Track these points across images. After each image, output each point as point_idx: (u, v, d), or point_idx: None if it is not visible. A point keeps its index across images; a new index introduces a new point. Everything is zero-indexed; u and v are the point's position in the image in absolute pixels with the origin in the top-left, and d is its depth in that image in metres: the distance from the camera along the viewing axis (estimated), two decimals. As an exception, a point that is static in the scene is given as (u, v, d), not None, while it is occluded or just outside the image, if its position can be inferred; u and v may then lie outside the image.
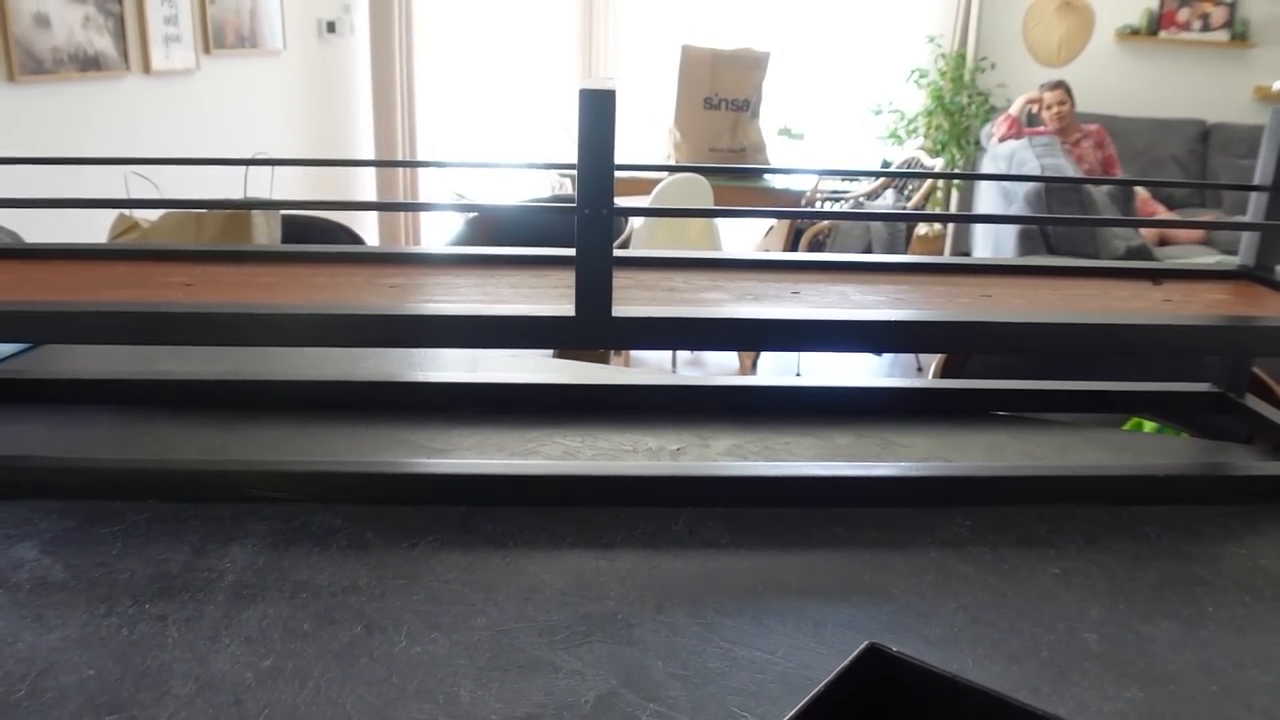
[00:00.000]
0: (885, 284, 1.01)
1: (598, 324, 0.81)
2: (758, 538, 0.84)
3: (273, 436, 1.02)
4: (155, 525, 0.84)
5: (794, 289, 0.97)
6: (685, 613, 0.73)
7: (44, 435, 1.03)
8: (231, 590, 0.75)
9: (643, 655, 0.68)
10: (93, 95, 2.90)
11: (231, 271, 0.99)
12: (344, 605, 0.73)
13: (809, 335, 0.83)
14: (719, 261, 1.06)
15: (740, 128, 3.76)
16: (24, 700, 0.63)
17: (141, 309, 0.81)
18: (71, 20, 2.78)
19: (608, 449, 0.99)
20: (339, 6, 4.23)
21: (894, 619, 0.74)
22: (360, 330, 0.80)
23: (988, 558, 0.83)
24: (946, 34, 5.33)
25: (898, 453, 1.03)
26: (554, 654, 0.67)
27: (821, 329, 0.83)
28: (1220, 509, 0.95)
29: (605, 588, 0.75)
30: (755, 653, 0.68)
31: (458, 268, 1.02)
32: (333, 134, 4.31)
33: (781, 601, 0.75)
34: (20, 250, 1.07)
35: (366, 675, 0.65)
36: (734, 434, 1.04)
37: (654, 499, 0.88)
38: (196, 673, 0.65)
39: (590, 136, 0.76)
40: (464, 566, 0.78)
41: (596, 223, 0.77)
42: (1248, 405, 1.14)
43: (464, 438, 1.01)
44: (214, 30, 3.38)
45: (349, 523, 0.84)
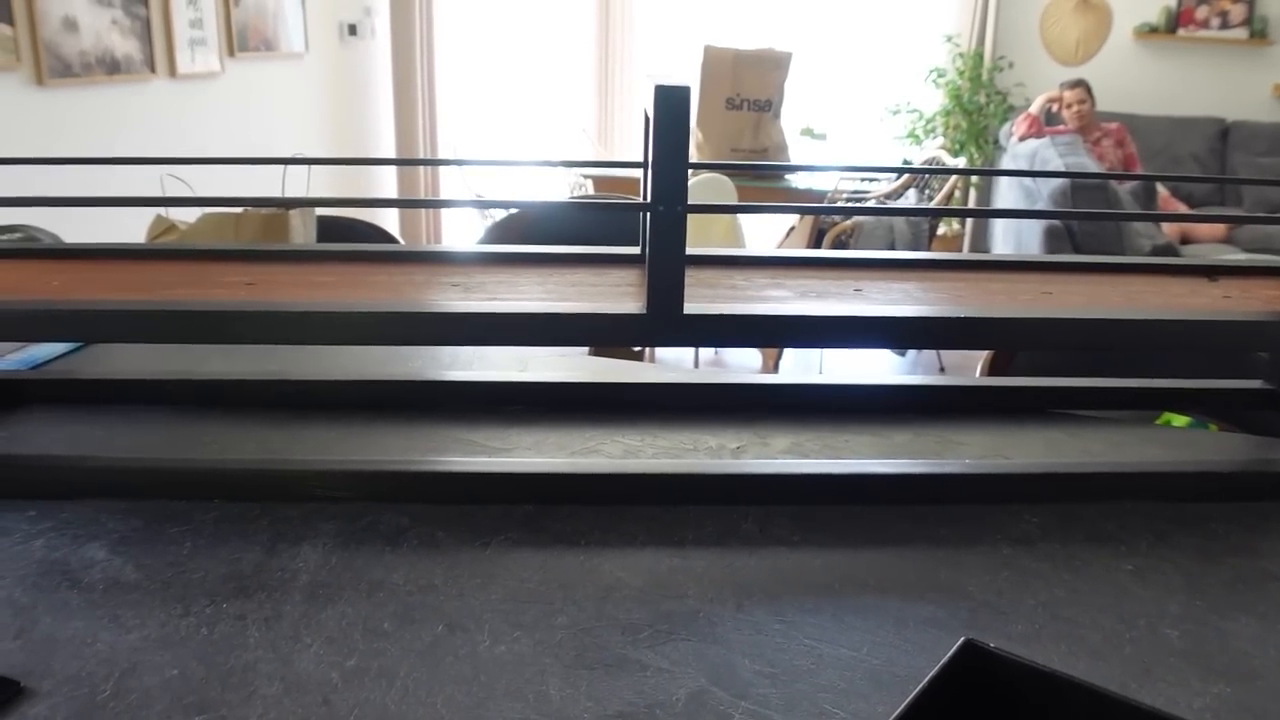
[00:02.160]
0: (944, 281, 1.00)
1: (669, 322, 0.80)
2: (827, 535, 0.84)
3: (329, 436, 1.02)
4: (223, 525, 0.84)
5: (856, 287, 0.96)
6: (765, 610, 0.72)
7: (101, 435, 1.03)
8: (307, 590, 0.74)
9: (728, 653, 0.67)
10: (119, 98, 2.91)
11: (289, 270, 0.99)
12: (422, 604, 0.72)
13: (879, 332, 0.83)
14: (777, 259, 1.05)
15: (762, 128, 3.76)
16: (110, 701, 0.63)
17: (215, 307, 0.81)
18: (99, 24, 2.79)
19: (668, 447, 0.99)
20: (360, 9, 4.24)
21: (974, 616, 0.73)
22: (434, 328, 0.80)
23: (1059, 554, 0.83)
24: (964, 33, 5.31)
25: (957, 450, 1.02)
26: (639, 652, 0.67)
27: (891, 326, 0.83)
28: None
29: (683, 586, 0.75)
30: (840, 650, 0.68)
31: (515, 266, 1.02)
32: (354, 136, 4.32)
33: (860, 599, 0.74)
34: (76, 250, 1.07)
35: (453, 674, 0.65)
36: (791, 432, 1.03)
37: (723, 497, 0.87)
38: (281, 672, 0.65)
39: (665, 133, 0.76)
40: (539, 565, 0.78)
41: (670, 220, 0.77)
42: (1303, 402, 1.13)
43: (522, 436, 1.01)
44: (238, 34, 3.39)
45: (417, 522, 0.84)
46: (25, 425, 1.05)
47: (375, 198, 0.95)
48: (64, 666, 0.66)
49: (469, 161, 1.03)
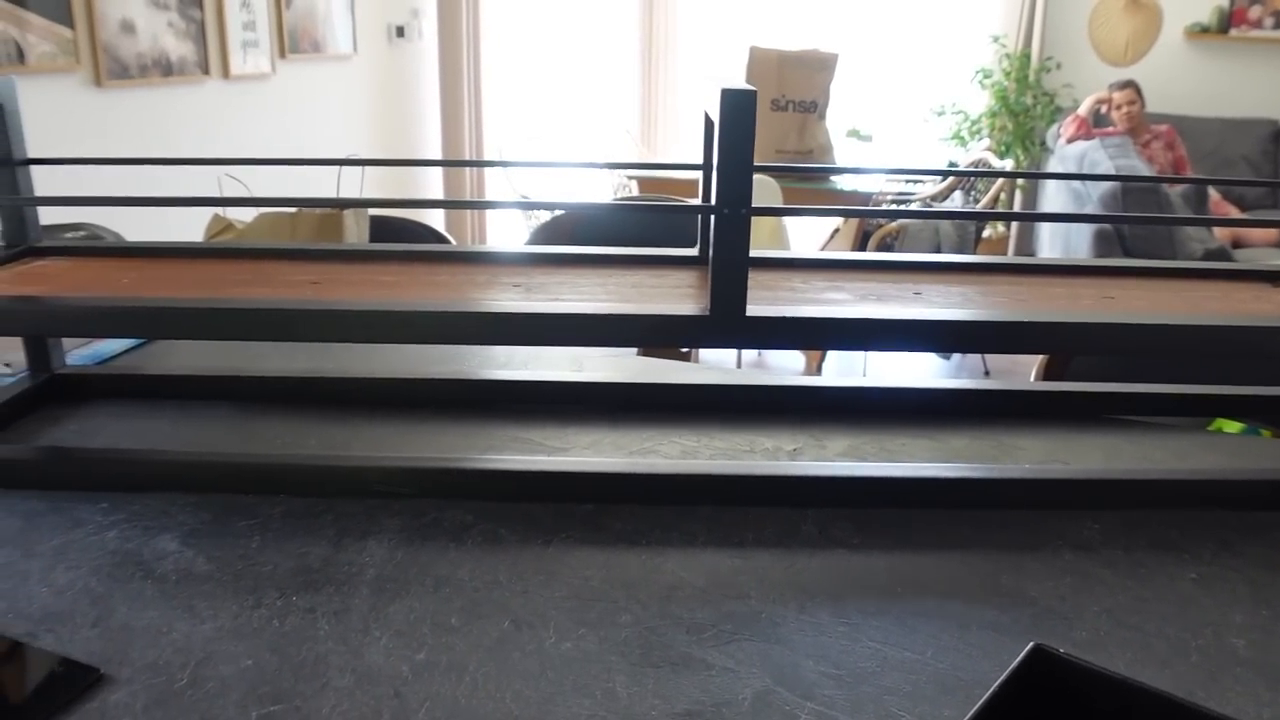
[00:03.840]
0: (1003, 285, 1.00)
1: (732, 323, 0.81)
2: (887, 539, 0.84)
3: (389, 432, 1.03)
4: (290, 520, 0.86)
5: (915, 290, 0.96)
6: (828, 612, 0.72)
7: (167, 430, 1.05)
8: (375, 584, 0.76)
9: (792, 654, 0.67)
10: (174, 99, 2.96)
11: (352, 270, 1.01)
12: (488, 600, 0.73)
13: (942, 337, 0.83)
14: (835, 262, 1.05)
15: (808, 129, 3.75)
16: (187, 689, 0.65)
17: (286, 305, 0.83)
18: (156, 27, 2.85)
19: (725, 448, 0.99)
20: (408, 11, 4.28)
21: (1037, 621, 0.73)
22: (503, 329, 0.81)
23: (1122, 561, 0.82)
24: (1011, 34, 5.26)
25: (1015, 455, 1.02)
26: (704, 651, 0.68)
27: (955, 330, 0.83)
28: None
29: (744, 586, 0.75)
30: (904, 653, 0.68)
31: (573, 267, 1.03)
32: (401, 136, 4.36)
33: (922, 602, 0.74)
34: (145, 248, 1.09)
35: (521, 670, 0.66)
36: (847, 435, 1.03)
37: (783, 499, 0.87)
38: (352, 665, 0.66)
39: (729, 136, 0.76)
40: (601, 564, 0.78)
41: (735, 222, 0.77)
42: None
43: (579, 436, 1.02)
44: (289, 35, 3.43)
45: (480, 519, 0.85)
46: (93, 419, 1.07)
47: (429, 199, 0.95)
48: (141, 655, 0.68)
49: (525, 164, 1.04)
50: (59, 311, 0.86)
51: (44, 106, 2.58)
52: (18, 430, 1.05)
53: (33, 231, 1.10)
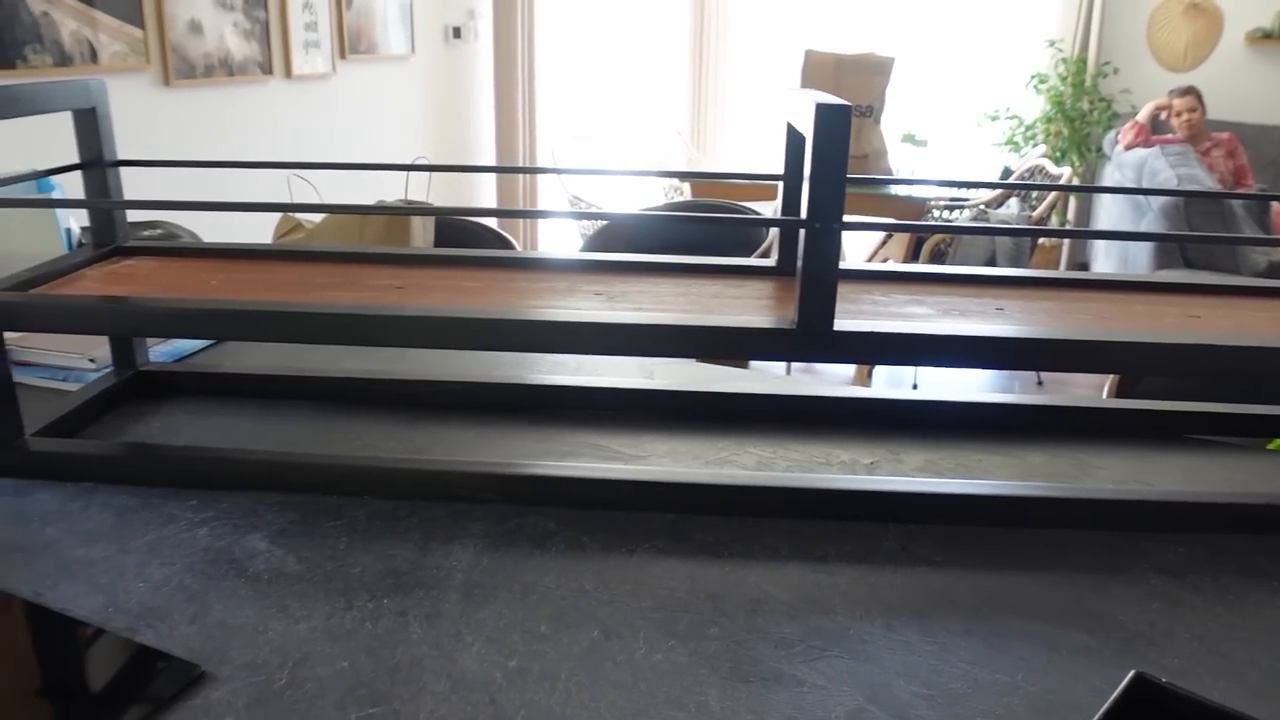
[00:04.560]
0: (1086, 301, 0.99)
1: (819, 337, 0.81)
2: (970, 557, 0.83)
3: (468, 435, 1.04)
4: (376, 521, 0.87)
5: (997, 305, 0.96)
6: (915, 630, 0.72)
7: (249, 429, 1.07)
8: (463, 588, 0.77)
9: (883, 673, 0.67)
10: (238, 98, 3.01)
11: (435, 275, 1.02)
12: (575, 608, 0.74)
13: (1031, 355, 0.82)
14: (913, 275, 1.05)
15: (863, 134, 3.73)
16: (287, 689, 0.66)
17: (375, 311, 0.84)
18: (222, 27, 2.89)
19: (801, 460, 0.99)
20: (464, 12, 4.31)
21: (1127, 646, 0.72)
22: (588, 338, 0.82)
23: (1210, 586, 0.81)
24: (1067, 38, 5.20)
25: (1095, 474, 1.01)
26: (794, 667, 0.68)
27: (1044, 349, 0.82)
28: None
29: (830, 602, 0.76)
30: (995, 675, 0.68)
31: (651, 275, 1.03)
32: (456, 136, 4.40)
33: (1010, 624, 0.74)
34: (231, 250, 1.11)
35: (614, 680, 0.66)
36: (924, 449, 1.03)
37: (863, 513, 0.87)
38: (447, 670, 0.67)
39: (824, 151, 0.76)
40: (686, 575, 0.79)
41: (827, 237, 0.77)
42: None
43: (655, 444, 1.02)
44: (349, 36, 3.47)
45: (562, 526, 0.86)
46: (175, 416, 1.10)
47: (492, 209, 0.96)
48: (239, 653, 0.69)
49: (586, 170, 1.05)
50: (155, 313, 0.88)
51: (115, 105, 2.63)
52: (104, 425, 1.08)
53: (121, 231, 1.13)
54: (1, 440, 0.96)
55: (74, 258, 1.07)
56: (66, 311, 0.90)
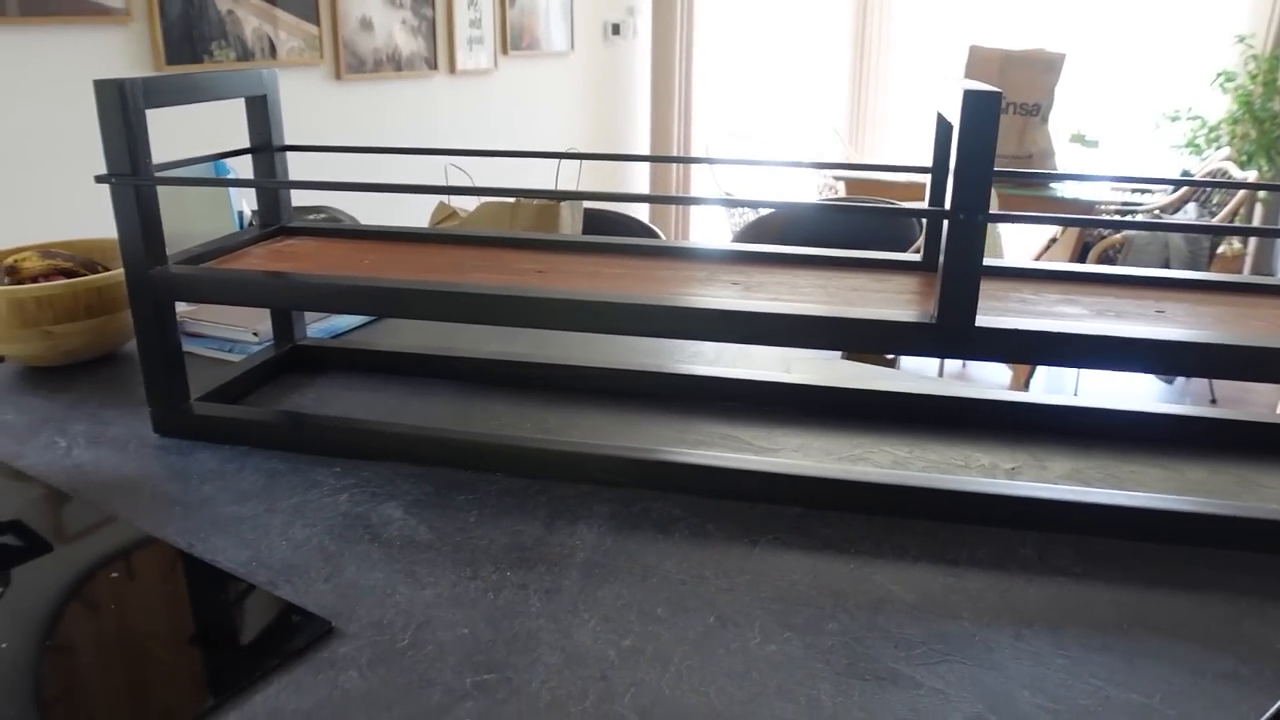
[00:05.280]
0: (1254, 307, 0.92)
1: (960, 333, 0.78)
2: (1113, 570, 0.79)
3: (603, 421, 1.05)
4: (506, 498, 0.89)
5: (1158, 308, 0.90)
6: (1046, 642, 0.69)
7: (393, 403, 1.11)
8: (584, 567, 0.78)
9: (1006, 682, 0.65)
10: (404, 92, 3.13)
11: (575, 260, 1.04)
12: (694, 594, 0.74)
13: (1185, 359, 0.77)
14: (1068, 274, 1.00)
15: (1028, 133, 3.58)
16: (409, 650, 0.68)
17: (515, 292, 0.86)
18: (391, 24, 3.02)
19: (938, 461, 0.96)
20: (624, 9, 4.36)
21: (1285, 677, 0.67)
22: (722, 325, 0.81)
23: (1388, 621, 0.74)
24: (1259, 33, 4.85)
25: (1259, 493, 0.94)
26: (913, 669, 0.66)
27: (1197, 353, 0.77)
28: None
29: (957, 606, 0.73)
30: (1129, 695, 0.64)
31: (792, 267, 1.02)
32: (612, 131, 4.46)
33: (1151, 642, 0.70)
34: (383, 232, 1.16)
35: (725, 667, 0.66)
36: (1070, 457, 0.98)
37: (999, 519, 0.84)
38: (562, 644, 0.68)
39: (971, 140, 0.73)
40: (808, 569, 0.77)
41: (970, 229, 0.75)
42: None
43: (788, 438, 1.01)
44: (512, 33, 3.56)
45: (687, 513, 0.86)
46: (328, 389, 1.15)
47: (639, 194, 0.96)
48: (367, 613, 0.72)
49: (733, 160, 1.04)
50: (310, 288, 0.93)
51: (290, 97, 2.78)
52: (263, 394, 1.14)
53: (285, 213, 1.19)
54: (170, 403, 1.02)
55: (242, 236, 1.14)
56: (230, 285, 0.95)
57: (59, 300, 1.17)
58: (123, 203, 0.95)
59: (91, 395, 1.15)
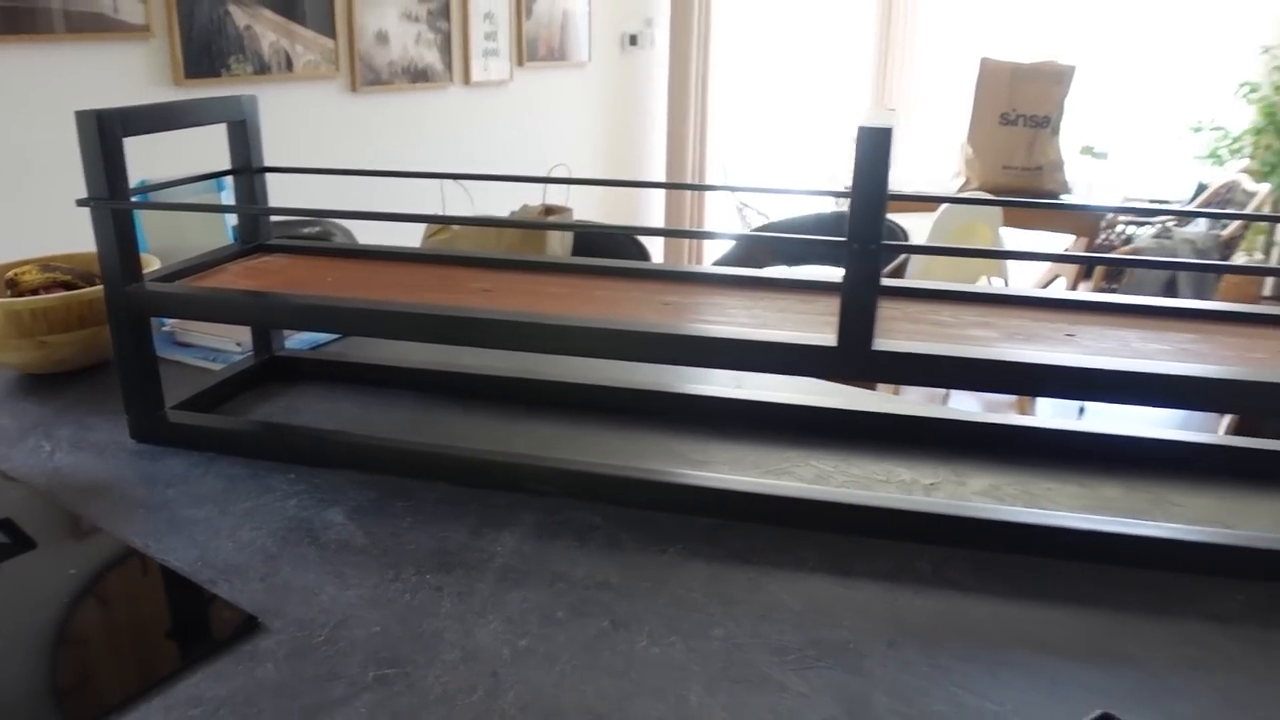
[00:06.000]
0: (1172, 331, 0.96)
1: (858, 356, 0.82)
2: (1003, 585, 0.83)
3: (551, 434, 1.11)
4: (441, 505, 0.94)
5: (1069, 331, 0.94)
6: (917, 650, 0.73)
7: (356, 413, 1.17)
8: (499, 571, 0.83)
9: (868, 687, 0.69)
10: (419, 103, 3.21)
11: (527, 279, 1.09)
12: (595, 599, 0.79)
13: (1074, 383, 0.81)
14: (992, 297, 1.04)
15: (1038, 145, 3.59)
16: (323, 645, 0.74)
17: (443, 312, 0.91)
18: (406, 37, 3.10)
19: (860, 476, 1.01)
20: (641, 20, 4.42)
21: (1137, 689, 0.71)
22: (632, 345, 0.86)
23: (1256, 638, 0.77)
24: (1287, 45, 4.81)
25: (1171, 512, 0.97)
26: (783, 674, 0.70)
27: (1088, 377, 0.81)
28: None
29: (840, 615, 0.77)
30: (984, 702, 0.68)
31: (729, 288, 1.06)
32: (628, 142, 4.51)
33: (1017, 653, 0.74)
34: (353, 250, 1.22)
35: (608, 667, 0.71)
36: (993, 474, 1.02)
37: (898, 533, 0.88)
38: (463, 643, 0.74)
39: (865, 172, 0.78)
40: (707, 577, 0.82)
41: (864, 257, 0.79)
42: None
43: (723, 451, 1.05)
44: (527, 44, 3.63)
45: (607, 522, 0.91)
46: (299, 399, 1.21)
47: (617, 225, 1.00)
48: (293, 610, 0.78)
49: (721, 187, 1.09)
50: (256, 306, 0.99)
51: (306, 109, 2.87)
52: (237, 403, 1.20)
53: (264, 231, 1.25)
54: (145, 411, 1.09)
55: (222, 252, 1.20)
56: (194, 302, 1.02)
57: (53, 312, 1.24)
58: (101, 224, 1.02)
59: (79, 402, 1.22)
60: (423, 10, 3.18)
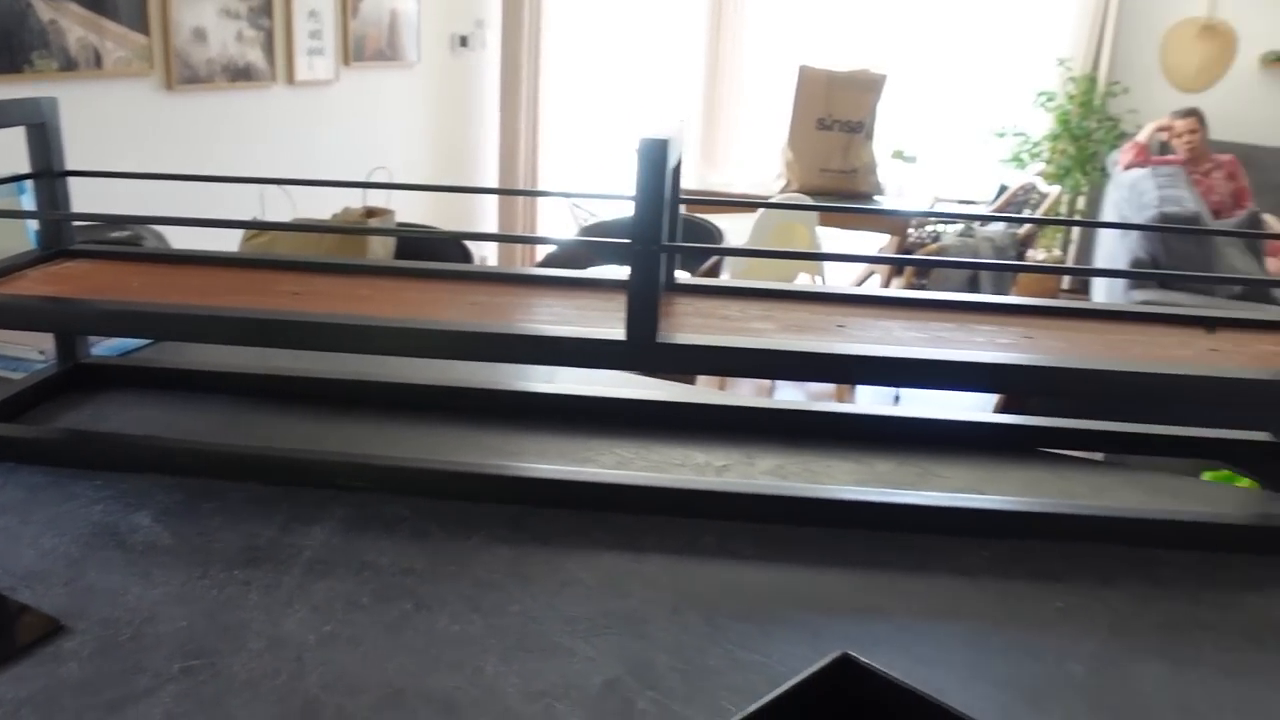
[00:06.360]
0: (932, 321, 1.06)
1: (645, 349, 0.89)
2: (781, 553, 0.91)
3: (365, 431, 1.14)
4: (251, 504, 0.96)
5: (840, 323, 1.03)
6: (698, 615, 0.81)
7: (166, 419, 1.17)
8: (307, 565, 0.86)
9: (651, 649, 0.76)
10: (241, 103, 3.13)
11: (340, 282, 1.12)
12: (399, 585, 0.83)
13: (839, 369, 0.90)
14: (776, 292, 1.13)
15: (853, 149, 3.79)
16: (128, 642, 0.75)
17: (248, 315, 0.94)
18: (226, 34, 3.02)
19: (659, 461, 1.08)
20: (472, 21, 4.43)
21: (890, 636, 0.80)
22: (433, 343, 0.90)
23: (994, 587, 0.88)
24: (1079, 56, 5.22)
25: (934, 483, 1.08)
26: (573, 641, 0.76)
27: (850, 364, 0.90)
28: (1248, 558, 0.97)
29: (630, 588, 0.84)
30: (754, 655, 0.76)
31: (535, 288, 1.12)
32: (459, 144, 4.51)
33: (788, 612, 0.82)
34: (160, 255, 1.22)
35: (409, 646, 0.75)
36: (779, 455, 1.11)
37: (688, 511, 0.96)
38: (269, 632, 0.77)
39: (644, 181, 0.85)
40: (509, 559, 0.87)
41: (646, 258, 0.86)
42: (1306, 458, 1.15)
43: (531, 443, 1.11)
44: (354, 43, 3.60)
45: (415, 513, 0.95)
46: (107, 406, 1.20)
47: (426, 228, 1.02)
48: (98, 611, 0.79)
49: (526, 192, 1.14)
50: (59, 311, 0.99)
51: (118, 110, 2.76)
52: (42, 411, 1.18)
53: (66, 236, 1.23)
54: (-62, 422, 1.06)
55: (21, 259, 1.18)
56: (-13, 307, 1.00)
57: None
58: (-118, 229, 0.99)
59: None
60: (243, 7, 3.11)
